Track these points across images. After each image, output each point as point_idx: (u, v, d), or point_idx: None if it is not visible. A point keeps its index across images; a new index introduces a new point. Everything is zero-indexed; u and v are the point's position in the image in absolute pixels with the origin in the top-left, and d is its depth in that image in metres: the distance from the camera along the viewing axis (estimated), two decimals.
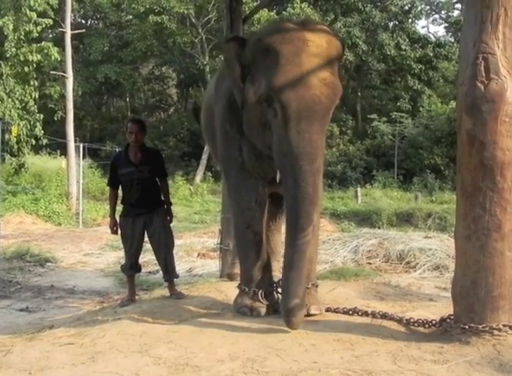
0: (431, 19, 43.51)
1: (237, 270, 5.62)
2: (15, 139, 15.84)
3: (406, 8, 29.67)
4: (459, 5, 38.02)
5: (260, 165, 4.45)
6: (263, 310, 4.36)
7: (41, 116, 16.90)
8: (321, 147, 3.82)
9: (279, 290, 4.55)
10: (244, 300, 4.45)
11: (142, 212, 5.38)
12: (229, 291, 5.00)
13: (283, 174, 3.87)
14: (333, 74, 3.86)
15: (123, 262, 5.75)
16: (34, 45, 17.10)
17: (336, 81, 3.88)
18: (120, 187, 5.54)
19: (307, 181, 3.68)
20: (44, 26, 17.46)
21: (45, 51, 17.05)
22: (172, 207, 5.65)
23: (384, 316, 4.17)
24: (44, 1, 17.63)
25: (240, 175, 4.51)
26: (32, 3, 16.72)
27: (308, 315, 4.17)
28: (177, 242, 6.41)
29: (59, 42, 20.77)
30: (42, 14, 17.98)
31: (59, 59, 17.96)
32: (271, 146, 3.97)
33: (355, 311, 4.33)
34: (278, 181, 3.98)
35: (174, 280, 5.51)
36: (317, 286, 4.52)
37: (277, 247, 5.87)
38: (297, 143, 3.71)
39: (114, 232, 5.56)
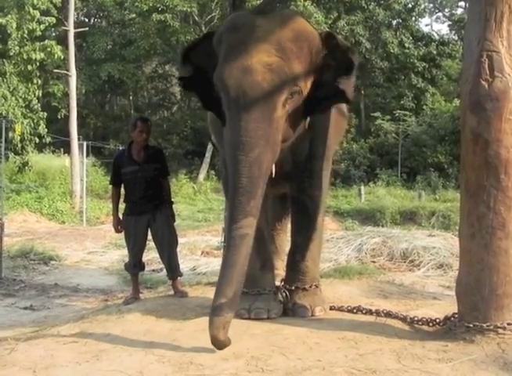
0: (435, 17, 43.51)
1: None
2: (18, 137, 15.87)
3: (410, 6, 29.57)
4: (462, 3, 38.03)
5: None
6: (262, 312, 4.22)
7: (45, 114, 16.94)
8: (261, 137, 3.55)
9: (284, 291, 4.53)
10: (243, 302, 4.23)
11: (146, 211, 5.38)
12: None
13: (228, 165, 3.71)
14: (283, 59, 3.65)
15: (127, 260, 5.75)
16: (38, 44, 17.13)
17: (286, 66, 3.66)
18: (122, 186, 5.54)
19: (241, 171, 3.49)
20: (47, 24, 17.50)
21: (48, 49, 17.08)
22: (174, 206, 5.65)
23: (388, 314, 4.17)
24: None
25: None
26: (35, 1, 16.74)
27: (313, 316, 4.16)
28: (180, 240, 6.41)
29: (62, 41, 20.71)
30: (45, 12, 18.00)
31: (62, 57, 17.98)
32: None
33: (359, 309, 4.34)
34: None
35: (178, 278, 5.51)
36: (317, 286, 4.45)
37: (283, 246, 5.83)
38: (234, 132, 3.57)
39: (118, 230, 5.57)
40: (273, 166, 3.73)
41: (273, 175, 3.73)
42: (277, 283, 4.59)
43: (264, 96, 3.58)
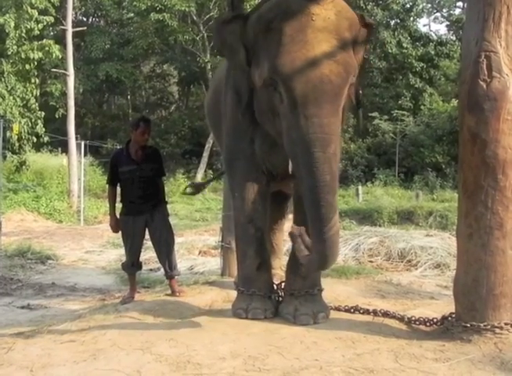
0: (433, 17, 43.49)
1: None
2: (16, 136, 15.86)
3: (408, 6, 29.58)
4: (460, 3, 38.09)
5: (272, 157, 4.20)
6: (259, 312, 4.18)
7: (43, 113, 16.90)
8: (335, 131, 3.47)
9: (280, 292, 4.46)
10: (240, 302, 4.29)
11: (143, 211, 5.37)
12: (230, 288, 5.00)
13: (296, 164, 3.58)
14: (343, 49, 3.54)
15: (124, 259, 5.75)
16: (36, 43, 17.11)
17: (348, 56, 3.57)
18: (119, 185, 5.54)
19: (322, 168, 3.37)
20: (45, 23, 17.48)
21: (46, 48, 17.06)
22: (171, 206, 5.64)
23: (386, 314, 4.17)
24: None
25: (247, 167, 4.28)
26: (33, 1, 16.74)
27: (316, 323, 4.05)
28: (178, 240, 6.41)
29: (60, 40, 20.74)
30: (43, 12, 17.96)
31: (60, 56, 17.98)
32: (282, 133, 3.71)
33: (356, 309, 4.33)
34: (290, 172, 3.70)
35: (176, 277, 5.51)
36: (319, 291, 4.36)
37: (279, 245, 5.80)
38: (307, 129, 3.41)
39: (116, 230, 5.56)
40: None
41: None
42: (275, 281, 4.58)
43: (333, 89, 3.46)
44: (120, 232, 5.54)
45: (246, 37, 3.84)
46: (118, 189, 5.56)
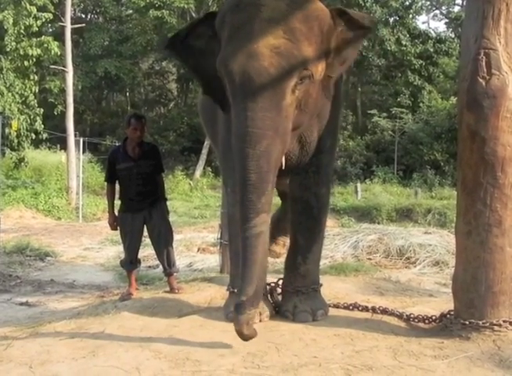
0: (432, 14, 43.58)
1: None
2: (15, 133, 15.83)
3: (407, 3, 29.53)
4: (459, 1, 38.05)
5: None
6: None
7: (41, 110, 16.87)
8: (270, 127, 3.28)
9: (278, 290, 4.39)
10: (233, 304, 4.03)
11: (142, 208, 5.37)
12: None
13: (234, 158, 3.44)
14: (292, 41, 3.34)
15: (123, 256, 5.75)
16: (34, 40, 17.08)
17: (295, 48, 3.35)
18: (117, 182, 5.53)
19: (248, 165, 3.25)
20: (44, 20, 17.43)
21: (45, 45, 17.03)
22: (169, 203, 5.63)
23: (384, 311, 4.17)
24: None
25: None
26: None
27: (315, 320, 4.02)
28: (177, 237, 6.40)
29: (59, 37, 20.74)
30: (42, 8, 17.96)
31: (59, 53, 17.94)
32: None
33: (355, 306, 4.32)
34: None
35: (174, 274, 5.51)
36: (318, 289, 4.32)
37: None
38: (240, 123, 3.30)
39: (114, 228, 5.55)
40: (283, 158, 3.51)
41: (283, 167, 3.52)
42: (271, 279, 4.56)
43: (271, 83, 3.29)
44: (118, 229, 5.54)
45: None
46: (118, 186, 5.56)
